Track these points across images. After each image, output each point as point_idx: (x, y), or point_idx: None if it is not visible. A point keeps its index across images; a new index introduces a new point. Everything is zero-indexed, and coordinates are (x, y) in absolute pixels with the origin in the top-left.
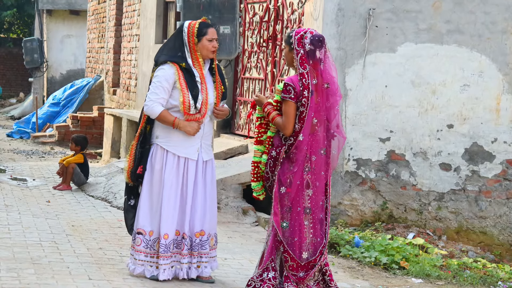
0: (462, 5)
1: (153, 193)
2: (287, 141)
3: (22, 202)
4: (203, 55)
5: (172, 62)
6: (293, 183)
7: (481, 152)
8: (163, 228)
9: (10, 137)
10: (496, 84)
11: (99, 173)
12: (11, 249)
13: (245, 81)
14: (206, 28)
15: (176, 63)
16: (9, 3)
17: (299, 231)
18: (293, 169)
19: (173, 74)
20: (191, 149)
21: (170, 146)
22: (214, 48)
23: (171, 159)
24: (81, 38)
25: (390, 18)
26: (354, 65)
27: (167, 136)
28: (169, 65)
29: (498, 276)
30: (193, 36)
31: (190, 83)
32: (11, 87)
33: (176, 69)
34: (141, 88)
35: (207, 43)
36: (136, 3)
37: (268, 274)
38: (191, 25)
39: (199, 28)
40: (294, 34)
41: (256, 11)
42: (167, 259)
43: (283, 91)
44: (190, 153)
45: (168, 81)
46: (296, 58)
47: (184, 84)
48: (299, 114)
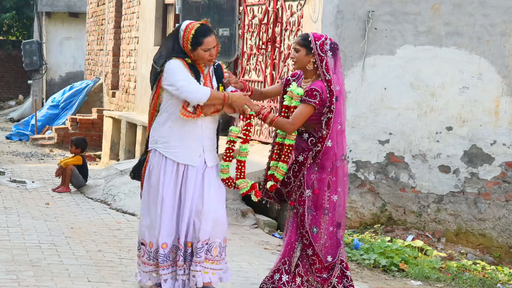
0: (461, 8)
1: (150, 203)
2: (314, 147)
3: (21, 204)
4: (199, 63)
5: (177, 57)
6: (321, 188)
7: (480, 154)
8: (162, 238)
9: (9, 139)
10: (495, 87)
11: (98, 175)
12: (10, 251)
13: None
14: (203, 37)
15: (181, 58)
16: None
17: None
18: (321, 175)
19: (184, 67)
20: (192, 155)
21: (169, 151)
22: (210, 57)
23: (170, 166)
24: (80, 40)
25: (389, 20)
26: (353, 68)
27: (166, 141)
28: (174, 60)
29: (497, 278)
30: (188, 43)
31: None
32: (10, 89)
33: (183, 64)
34: (140, 91)
35: (202, 53)
36: (135, 6)
37: (281, 276)
38: (188, 30)
39: (194, 35)
40: (314, 39)
41: (255, 14)
42: (167, 269)
43: (309, 95)
44: (190, 159)
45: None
46: (321, 65)
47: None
48: (327, 121)
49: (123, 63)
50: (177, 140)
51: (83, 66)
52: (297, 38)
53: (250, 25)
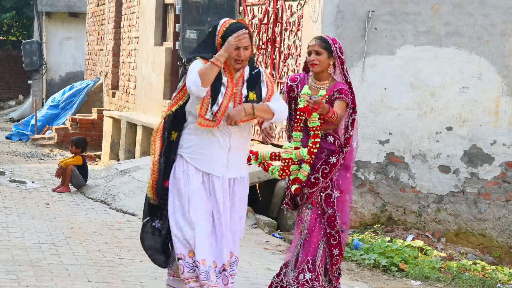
0: (461, 8)
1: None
2: (344, 148)
3: (21, 204)
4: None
5: (202, 58)
6: (346, 188)
7: (480, 154)
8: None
9: (9, 139)
10: (495, 87)
11: (98, 175)
12: (10, 251)
13: None
14: (233, 33)
15: (206, 59)
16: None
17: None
18: (345, 175)
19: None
20: (216, 164)
21: (193, 158)
22: (239, 58)
23: (193, 174)
24: (80, 40)
25: (389, 20)
26: (353, 68)
27: (190, 146)
28: (199, 61)
29: (497, 278)
30: (219, 37)
31: (214, 85)
32: (10, 89)
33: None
34: (140, 91)
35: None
36: (135, 6)
37: (304, 275)
38: (223, 25)
39: (226, 31)
40: (333, 41)
41: (255, 14)
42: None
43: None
44: (214, 168)
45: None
46: (342, 67)
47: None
48: (352, 122)
49: (123, 63)
50: (201, 147)
51: (83, 66)
52: (316, 40)
53: (250, 25)
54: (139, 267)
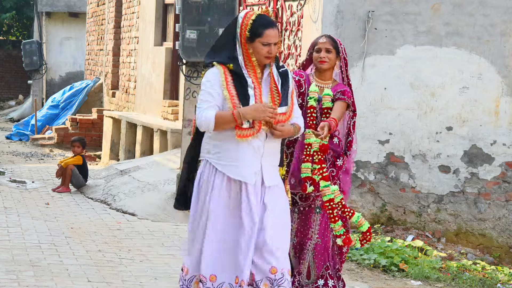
0: (461, 8)
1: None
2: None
3: (21, 204)
4: (257, 58)
5: (219, 63)
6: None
7: (480, 154)
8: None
9: (9, 139)
10: (495, 87)
11: (98, 175)
12: (10, 251)
13: None
14: (263, 28)
15: (223, 64)
16: (8, 6)
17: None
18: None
19: (219, 79)
20: (247, 170)
21: (221, 163)
22: (269, 55)
23: (219, 181)
24: (80, 40)
25: (389, 20)
26: (353, 68)
27: (218, 152)
28: (215, 68)
29: (497, 278)
30: (245, 32)
31: (240, 90)
32: (10, 89)
33: (223, 72)
34: (140, 91)
35: (260, 47)
36: (135, 6)
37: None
38: (247, 17)
39: (253, 24)
40: (339, 42)
41: None
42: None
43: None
44: (246, 175)
45: (214, 86)
46: (346, 68)
47: (234, 92)
48: (353, 124)
49: (123, 63)
50: (231, 152)
51: (83, 66)
52: (327, 38)
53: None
54: (139, 267)
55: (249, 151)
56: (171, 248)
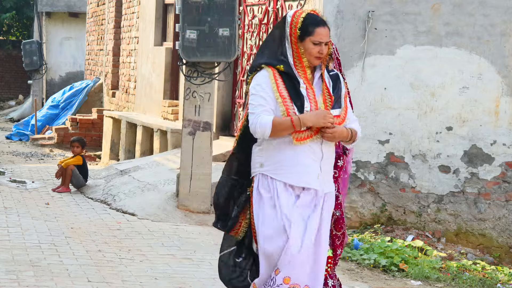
0: (461, 8)
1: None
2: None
3: (21, 204)
4: (307, 59)
5: (268, 65)
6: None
7: (480, 154)
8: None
9: (9, 139)
10: (495, 87)
11: (98, 175)
12: (10, 251)
13: (244, 83)
14: (314, 26)
15: (272, 66)
16: (8, 6)
17: None
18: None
19: (270, 82)
20: (309, 176)
21: (279, 173)
22: (319, 55)
23: (283, 191)
24: (80, 40)
25: (389, 20)
26: (353, 68)
27: (275, 162)
28: (264, 70)
29: (497, 278)
30: (296, 30)
31: (292, 92)
32: (10, 89)
33: (273, 75)
34: (140, 91)
35: (311, 46)
36: (135, 6)
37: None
38: (296, 16)
39: (304, 23)
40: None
41: (255, 14)
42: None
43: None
44: (308, 180)
45: (265, 90)
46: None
47: (286, 94)
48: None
49: (123, 63)
50: (289, 158)
51: (83, 66)
52: None
53: (250, 25)
54: (139, 267)
55: (309, 155)
56: (171, 248)
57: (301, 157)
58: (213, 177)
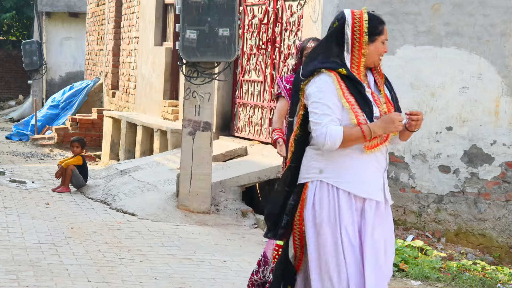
0: (461, 8)
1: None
2: None
3: (21, 204)
4: (367, 61)
5: (328, 69)
6: None
7: (480, 154)
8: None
9: (9, 139)
10: (495, 87)
11: (98, 175)
12: (10, 251)
13: (244, 83)
14: (382, 24)
15: (333, 70)
16: (8, 6)
17: None
18: None
19: (334, 87)
20: (374, 187)
21: (343, 181)
22: (384, 53)
23: (345, 201)
24: (80, 40)
25: (389, 20)
26: None
27: (337, 168)
28: (325, 75)
29: (497, 278)
30: (362, 32)
31: (358, 97)
32: (10, 89)
33: (336, 79)
34: (140, 91)
35: (380, 46)
36: (135, 6)
37: None
38: (357, 16)
39: (371, 22)
40: None
41: (255, 14)
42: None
43: None
44: (372, 191)
45: (330, 96)
46: None
47: (352, 99)
48: None
49: (123, 63)
50: (355, 166)
51: (83, 66)
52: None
53: (250, 25)
54: (139, 267)
55: (374, 163)
56: (171, 248)
57: (367, 165)
58: (213, 177)
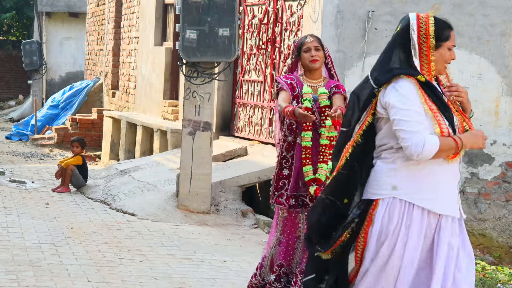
0: (461, 8)
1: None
2: None
3: (21, 204)
4: (437, 67)
5: (407, 75)
6: None
7: (480, 154)
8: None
9: (9, 139)
10: (495, 87)
11: (98, 175)
12: (10, 251)
13: (244, 83)
14: (449, 29)
15: (412, 76)
16: (8, 6)
17: None
18: None
19: (417, 94)
20: (450, 201)
21: (420, 198)
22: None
23: (419, 219)
24: (80, 40)
25: (389, 20)
26: (353, 67)
27: (413, 184)
28: (405, 80)
29: (497, 279)
30: (428, 37)
31: (439, 104)
32: (10, 89)
33: (417, 86)
34: (140, 91)
35: (447, 53)
36: (135, 6)
37: None
38: (423, 20)
39: (437, 27)
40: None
41: (255, 14)
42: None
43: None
44: (450, 207)
45: (416, 102)
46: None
47: (434, 107)
48: None
49: (123, 63)
50: (432, 180)
51: (83, 66)
52: (313, 37)
53: (250, 25)
54: (139, 267)
55: (449, 176)
56: (171, 248)
57: (444, 178)
58: (213, 177)
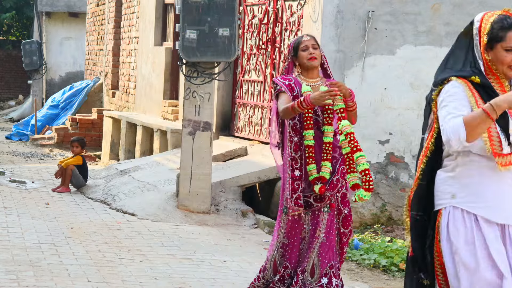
0: (461, 7)
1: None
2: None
3: (21, 204)
4: (499, 69)
5: (458, 77)
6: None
7: None
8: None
9: (9, 139)
10: None
11: (98, 175)
12: (10, 251)
13: (244, 83)
14: (506, 30)
15: (465, 78)
16: (8, 5)
17: None
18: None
19: (466, 94)
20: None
21: (480, 206)
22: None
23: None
24: (80, 40)
25: (389, 20)
26: (353, 68)
27: (472, 192)
28: (455, 82)
29: None
30: (484, 36)
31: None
32: (10, 89)
33: (467, 87)
34: (140, 91)
35: (503, 54)
36: (135, 6)
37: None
38: (485, 19)
39: (493, 26)
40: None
41: (255, 14)
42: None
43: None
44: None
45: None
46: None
47: None
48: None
49: (123, 63)
50: (492, 190)
51: (83, 66)
52: (310, 37)
53: (250, 25)
54: (139, 267)
55: (507, 183)
56: (171, 248)
57: (503, 185)
58: (213, 177)
